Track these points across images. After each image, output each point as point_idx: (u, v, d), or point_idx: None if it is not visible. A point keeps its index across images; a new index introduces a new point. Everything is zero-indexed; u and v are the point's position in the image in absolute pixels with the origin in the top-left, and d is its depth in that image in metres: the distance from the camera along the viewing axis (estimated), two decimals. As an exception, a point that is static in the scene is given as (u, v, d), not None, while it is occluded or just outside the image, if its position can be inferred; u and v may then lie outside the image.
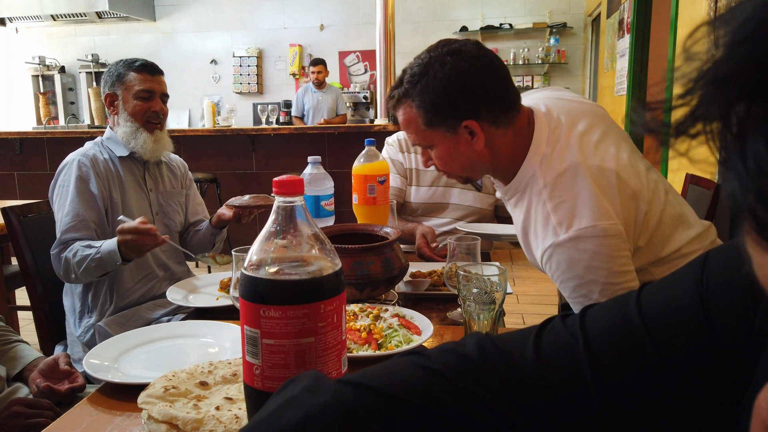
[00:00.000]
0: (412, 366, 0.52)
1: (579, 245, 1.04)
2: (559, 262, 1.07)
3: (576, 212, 1.05)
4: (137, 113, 1.76)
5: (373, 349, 1.00)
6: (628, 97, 4.13)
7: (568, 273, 1.08)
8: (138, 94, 1.75)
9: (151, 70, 1.79)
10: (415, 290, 1.43)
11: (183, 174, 1.97)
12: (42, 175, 4.63)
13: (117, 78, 1.77)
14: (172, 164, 1.95)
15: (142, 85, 1.75)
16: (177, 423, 0.72)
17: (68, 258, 1.58)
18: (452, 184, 2.11)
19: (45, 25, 7.12)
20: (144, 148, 1.76)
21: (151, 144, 1.77)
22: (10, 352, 1.39)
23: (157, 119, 1.79)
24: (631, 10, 4.03)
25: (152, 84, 1.77)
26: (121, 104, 1.77)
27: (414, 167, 2.17)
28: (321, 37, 7.01)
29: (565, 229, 1.05)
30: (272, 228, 0.63)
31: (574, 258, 1.05)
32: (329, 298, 0.60)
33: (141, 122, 1.76)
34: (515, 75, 6.55)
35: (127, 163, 1.79)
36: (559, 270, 1.08)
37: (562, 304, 2.18)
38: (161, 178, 1.88)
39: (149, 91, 1.76)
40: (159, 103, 1.80)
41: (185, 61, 7.18)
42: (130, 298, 1.72)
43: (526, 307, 3.67)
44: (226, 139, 4.56)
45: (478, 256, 1.26)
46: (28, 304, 1.84)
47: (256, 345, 0.60)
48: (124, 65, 1.78)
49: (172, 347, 1.09)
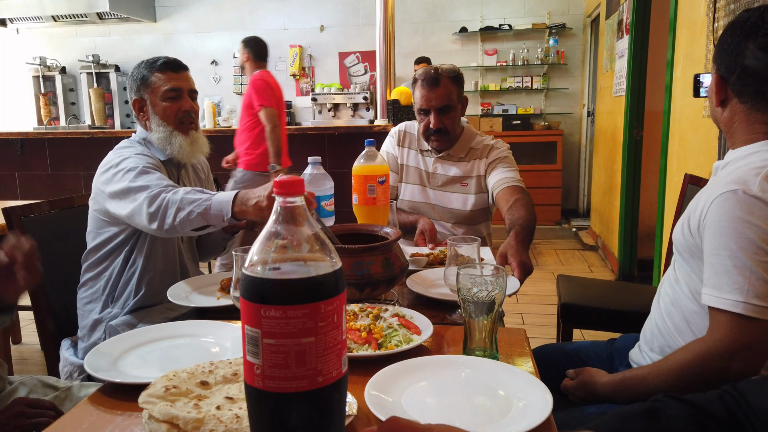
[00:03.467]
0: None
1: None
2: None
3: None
4: (168, 115, 1.67)
5: (373, 349, 1.01)
6: (627, 97, 4.13)
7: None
8: (165, 94, 1.67)
9: (174, 66, 1.71)
10: (414, 266, 1.54)
11: (206, 177, 1.94)
12: (43, 175, 4.64)
13: (142, 81, 1.69)
14: (197, 166, 1.90)
15: (167, 84, 1.67)
16: (178, 422, 0.73)
17: (169, 199, 1.43)
18: (436, 186, 2.13)
19: (46, 25, 7.12)
20: (181, 152, 1.67)
21: (188, 147, 1.69)
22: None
23: (190, 118, 1.70)
24: (630, 11, 4.03)
25: (178, 81, 1.70)
26: (151, 108, 1.69)
27: (404, 163, 2.19)
28: (321, 37, 7.01)
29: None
30: (273, 228, 0.63)
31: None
32: (329, 298, 0.61)
33: (174, 125, 1.68)
34: (514, 75, 6.56)
35: (166, 165, 1.73)
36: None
37: (562, 304, 2.18)
38: (189, 181, 1.83)
39: (176, 89, 1.68)
40: (188, 101, 1.71)
41: (186, 61, 7.00)
42: (152, 292, 1.70)
43: (526, 307, 3.67)
44: (226, 139, 4.57)
45: (477, 257, 1.27)
46: (28, 304, 1.84)
47: (256, 345, 0.60)
48: (146, 67, 1.70)
49: (173, 347, 1.10)
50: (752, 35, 1.07)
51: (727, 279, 1.00)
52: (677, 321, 1.19)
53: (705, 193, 1.11)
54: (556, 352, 1.56)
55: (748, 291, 0.97)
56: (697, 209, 1.11)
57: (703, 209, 1.08)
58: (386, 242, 1.27)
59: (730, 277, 0.99)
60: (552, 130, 6.32)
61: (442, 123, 2.02)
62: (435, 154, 2.15)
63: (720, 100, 1.16)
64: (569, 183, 6.64)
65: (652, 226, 4.05)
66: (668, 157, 3.18)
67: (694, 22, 2.76)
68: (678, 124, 3.01)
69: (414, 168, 2.18)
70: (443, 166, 2.13)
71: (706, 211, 1.06)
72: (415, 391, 0.88)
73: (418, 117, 2.08)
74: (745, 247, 0.98)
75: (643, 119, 4.11)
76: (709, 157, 2.48)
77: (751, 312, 0.97)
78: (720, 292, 1.00)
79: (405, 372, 0.92)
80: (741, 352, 0.97)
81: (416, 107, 2.07)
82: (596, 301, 2.19)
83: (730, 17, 2.24)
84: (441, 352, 1.05)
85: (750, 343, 0.97)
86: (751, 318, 0.97)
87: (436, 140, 2.08)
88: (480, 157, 2.10)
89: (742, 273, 0.98)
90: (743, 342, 0.97)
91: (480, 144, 2.13)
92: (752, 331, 0.97)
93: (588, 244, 5.32)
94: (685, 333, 1.17)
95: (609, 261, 4.63)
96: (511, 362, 1.00)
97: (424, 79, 1.99)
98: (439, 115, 2.01)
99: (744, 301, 0.97)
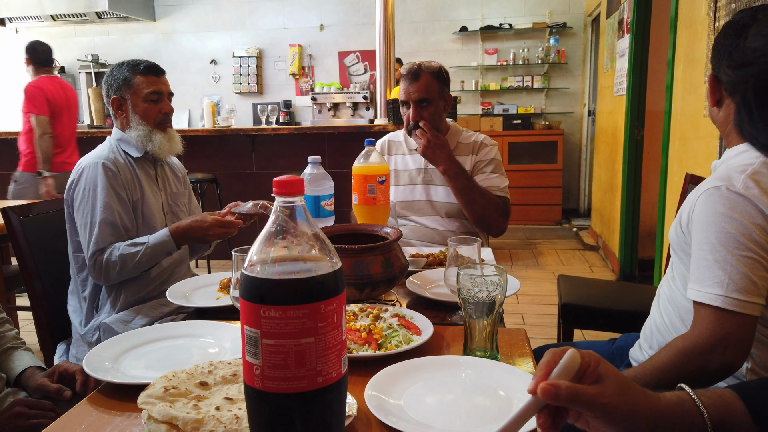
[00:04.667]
0: None
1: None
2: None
3: None
4: (149, 116, 1.79)
5: (373, 349, 1.00)
6: (627, 97, 4.13)
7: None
8: (148, 96, 1.78)
9: (156, 71, 1.82)
10: (413, 267, 1.55)
11: (183, 175, 2.01)
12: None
13: (123, 82, 1.78)
14: (173, 165, 1.98)
15: (150, 87, 1.78)
16: (177, 423, 0.72)
17: (108, 260, 1.63)
18: (429, 181, 2.14)
19: (45, 25, 7.11)
20: (160, 148, 1.80)
21: (167, 143, 1.82)
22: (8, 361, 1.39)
23: (167, 119, 1.84)
24: (630, 10, 4.03)
25: (159, 85, 1.81)
26: (131, 108, 1.79)
27: (393, 168, 2.22)
28: (321, 37, 7.00)
29: None
30: (272, 228, 0.63)
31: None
32: (329, 298, 0.60)
33: (153, 124, 1.80)
34: (515, 75, 6.55)
35: (141, 163, 1.82)
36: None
37: (563, 304, 2.18)
38: (167, 178, 1.92)
39: (158, 92, 1.80)
40: (167, 104, 1.84)
41: (185, 61, 7.17)
42: (140, 294, 1.74)
43: (526, 307, 3.67)
44: (225, 139, 4.56)
45: (478, 257, 1.26)
46: (28, 304, 1.84)
47: (256, 345, 0.60)
48: (128, 68, 1.79)
49: (172, 347, 1.09)
50: (743, 35, 1.07)
51: (708, 273, 1.01)
52: (674, 318, 1.20)
53: (695, 190, 1.12)
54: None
55: (728, 285, 0.98)
56: (686, 206, 1.12)
57: (692, 206, 1.09)
58: (386, 242, 1.27)
59: (711, 272, 1.00)
60: (552, 129, 6.32)
61: (420, 116, 2.05)
62: None
63: (715, 100, 1.17)
64: (570, 183, 6.64)
65: (652, 226, 4.05)
66: (669, 156, 3.18)
67: (695, 21, 2.76)
68: (679, 123, 3.01)
69: (403, 171, 2.21)
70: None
71: (693, 208, 1.08)
72: (415, 392, 0.87)
73: (402, 111, 2.13)
74: (725, 242, 1.00)
75: (644, 119, 4.11)
76: (710, 156, 2.48)
77: (731, 305, 0.97)
78: (702, 286, 1.01)
79: (405, 372, 0.92)
80: (720, 346, 0.98)
81: (400, 101, 2.12)
82: (597, 302, 2.19)
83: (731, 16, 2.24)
84: (441, 353, 1.05)
85: (729, 336, 0.97)
86: (730, 311, 0.98)
87: (419, 135, 2.10)
88: (469, 153, 2.14)
89: (723, 267, 0.99)
90: (722, 335, 0.98)
91: (468, 139, 2.16)
92: (731, 324, 0.98)
93: (589, 244, 5.32)
94: (681, 330, 1.17)
95: (610, 261, 4.63)
96: (512, 363, 1.00)
97: (406, 74, 2.07)
98: (418, 108, 2.05)
99: (723, 294, 0.98)
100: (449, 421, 0.80)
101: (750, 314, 0.97)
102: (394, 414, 0.80)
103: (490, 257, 1.71)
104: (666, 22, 3.28)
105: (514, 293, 1.30)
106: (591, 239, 5.45)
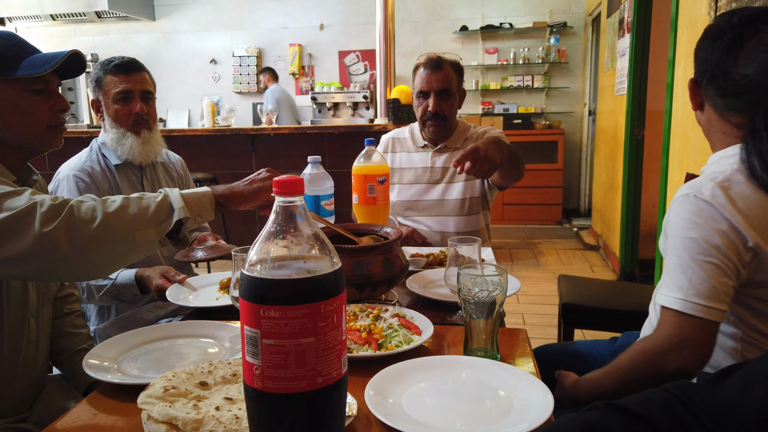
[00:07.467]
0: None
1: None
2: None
3: None
4: (120, 117, 1.69)
5: (373, 349, 1.00)
6: (628, 96, 4.13)
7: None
8: (115, 97, 1.67)
9: (126, 69, 1.69)
10: (413, 267, 1.54)
11: (180, 175, 1.93)
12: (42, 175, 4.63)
13: (96, 83, 1.70)
14: (168, 165, 1.90)
15: (117, 86, 1.68)
16: (177, 423, 0.72)
17: (90, 284, 1.60)
18: (435, 180, 2.13)
19: (44, 24, 7.11)
20: (132, 152, 1.69)
21: (140, 147, 1.70)
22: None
23: (141, 120, 1.71)
24: (631, 9, 4.02)
25: (128, 84, 1.68)
26: (105, 110, 1.70)
27: (397, 167, 2.20)
28: (321, 36, 7.00)
29: None
30: (272, 228, 0.63)
31: None
32: (329, 298, 0.60)
33: (126, 126, 1.69)
34: (515, 74, 6.55)
35: (124, 170, 1.73)
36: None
37: (563, 304, 2.18)
38: (158, 181, 1.82)
39: (126, 92, 1.68)
40: (139, 104, 1.70)
41: (185, 60, 7.17)
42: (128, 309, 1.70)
43: (527, 307, 3.66)
44: (225, 138, 4.56)
45: (478, 257, 1.26)
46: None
47: (256, 345, 0.60)
48: (100, 67, 1.70)
49: (172, 347, 1.09)
50: (718, 39, 1.08)
51: (672, 277, 1.03)
52: None
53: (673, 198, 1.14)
54: (558, 353, 1.56)
55: (688, 289, 0.99)
56: (667, 213, 1.14)
57: (667, 213, 1.11)
58: (386, 242, 1.27)
59: (674, 276, 1.02)
60: (553, 129, 6.31)
61: (440, 107, 2.03)
62: (432, 147, 2.15)
63: (697, 104, 1.18)
64: (570, 182, 6.63)
65: (653, 226, 4.05)
66: (670, 156, 3.18)
67: (695, 20, 2.75)
68: (679, 123, 3.01)
69: (408, 169, 2.18)
70: (441, 158, 2.14)
71: (669, 215, 1.10)
72: (415, 392, 0.87)
73: (416, 102, 2.09)
74: (689, 247, 1.01)
75: (644, 118, 4.11)
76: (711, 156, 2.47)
77: (689, 309, 0.98)
78: (666, 289, 1.03)
79: (405, 372, 0.91)
80: (676, 348, 0.99)
81: (416, 91, 2.08)
82: (597, 301, 2.19)
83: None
84: (441, 353, 1.05)
85: (686, 339, 0.98)
86: (688, 315, 0.99)
87: (432, 125, 2.08)
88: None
89: (684, 272, 1.01)
90: (680, 338, 0.99)
91: (475, 134, 2.16)
92: (688, 328, 0.98)
93: (589, 243, 5.32)
94: None
95: (610, 261, 4.63)
96: (512, 363, 1.00)
97: (427, 63, 2.03)
98: (438, 99, 2.02)
99: (683, 298, 0.99)
100: (449, 421, 0.80)
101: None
102: (394, 414, 0.80)
103: (491, 257, 1.71)
104: (666, 21, 3.27)
105: (514, 293, 1.29)
106: (591, 239, 5.44)
